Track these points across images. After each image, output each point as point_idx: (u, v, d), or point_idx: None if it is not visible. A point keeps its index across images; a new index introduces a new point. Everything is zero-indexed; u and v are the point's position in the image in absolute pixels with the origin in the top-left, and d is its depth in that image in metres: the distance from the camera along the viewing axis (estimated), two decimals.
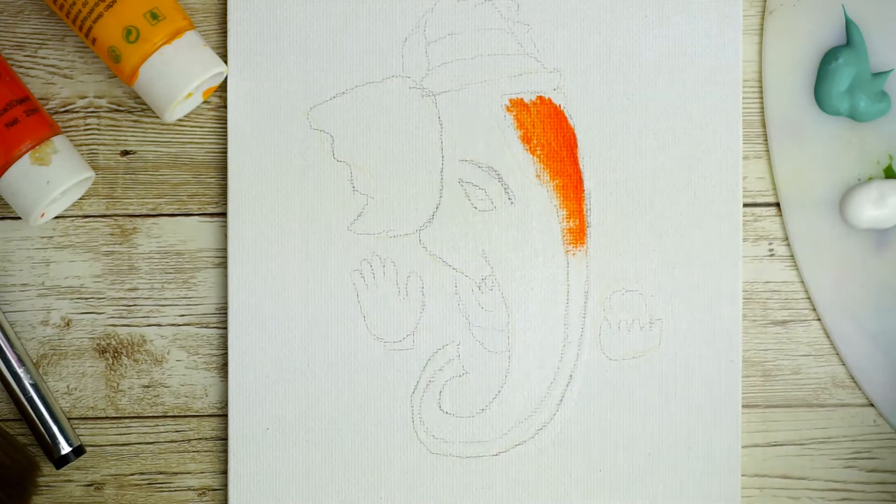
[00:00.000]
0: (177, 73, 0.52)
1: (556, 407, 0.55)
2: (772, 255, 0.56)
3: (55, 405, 0.55)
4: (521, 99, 0.55)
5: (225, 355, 0.56)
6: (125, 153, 0.56)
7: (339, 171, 0.55)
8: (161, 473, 0.56)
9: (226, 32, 0.55)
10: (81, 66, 0.56)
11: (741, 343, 0.56)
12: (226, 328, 0.56)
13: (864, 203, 0.55)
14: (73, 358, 0.56)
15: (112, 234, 0.56)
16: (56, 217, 0.56)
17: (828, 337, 0.56)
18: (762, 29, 0.56)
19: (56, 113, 0.56)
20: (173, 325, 0.56)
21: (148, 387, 0.56)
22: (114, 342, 0.56)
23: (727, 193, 0.55)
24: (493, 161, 0.55)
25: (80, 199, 0.56)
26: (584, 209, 0.55)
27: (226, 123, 0.56)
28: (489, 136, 0.55)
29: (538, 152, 0.55)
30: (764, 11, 0.56)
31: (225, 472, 0.56)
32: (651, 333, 0.55)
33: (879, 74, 0.55)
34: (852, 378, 0.56)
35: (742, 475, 0.56)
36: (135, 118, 0.56)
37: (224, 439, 0.56)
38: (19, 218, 0.55)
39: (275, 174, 0.55)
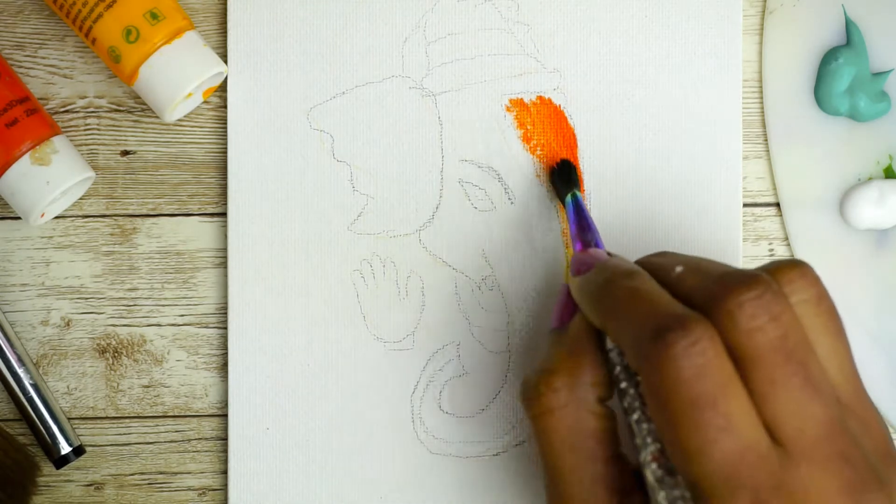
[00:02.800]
0: (177, 73, 0.52)
1: None
2: (772, 256, 0.56)
3: (55, 405, 0.55)
4: (521, 99, 0.55)
5: (225, 355, 0.56)
6: (125, 153, 0.56)
7: (339, 171, 0.55)
8: (161, 473, 0.56)
9: (226, 32, 0.55)
10: (81, 66, 0.56)
11: None
12: (226, 328, 0.56)
13: (864, 203, 0.55)
14: (73, 358, 0.56)
15: (112, 234, 0.56)
16: (56, 217, 0.56)
17: None
18: (762, 29, 0.56)
19: (56, 113, 0.56)
20: (173, 325, 0.56)
21: (148, 387, 0.56)
22: (114, 342, 0.56)
23: (727, 193, 0.55)
24: (493, 161, 0.55)
25: (80, 199, 0.56)
26: None
27: (226, 123, 0.56)
28: (489, 136, 0.55)
29: (538, 152, 0.55)
30: (764, 11, 0.56)
31: (225, 472, 0.56)
32: None
33: (879, 74, 0.55)
34: None
35: None
36: (135, 118, 0.56)
37: (224, 439, 0.56)
38: (19, 218, 0.55)
39: (275, 174, 0.55)
